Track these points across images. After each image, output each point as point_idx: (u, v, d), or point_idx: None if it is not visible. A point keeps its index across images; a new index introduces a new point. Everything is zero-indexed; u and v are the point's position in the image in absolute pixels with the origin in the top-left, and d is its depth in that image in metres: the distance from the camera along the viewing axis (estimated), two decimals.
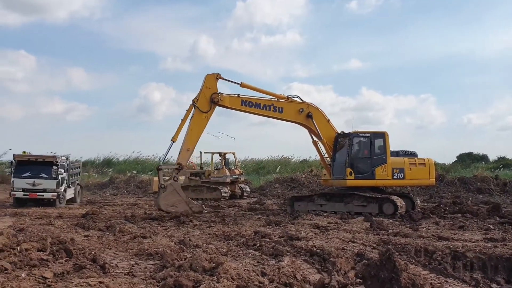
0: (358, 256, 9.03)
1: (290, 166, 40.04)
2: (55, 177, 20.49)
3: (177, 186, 16.01)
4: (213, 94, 16.75)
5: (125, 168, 40.81)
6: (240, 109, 17.45)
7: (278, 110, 17.50)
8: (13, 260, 8.27)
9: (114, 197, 28.67)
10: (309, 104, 17.82)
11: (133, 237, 11.63)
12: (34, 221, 15.40)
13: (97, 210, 18.12)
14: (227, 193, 24.96)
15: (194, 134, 16.64)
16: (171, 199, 15.67)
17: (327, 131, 17.92)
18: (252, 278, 7.18)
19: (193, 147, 17.01)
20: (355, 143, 17.49)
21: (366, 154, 17.40)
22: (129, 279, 7.39)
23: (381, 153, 17.28)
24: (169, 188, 15.78)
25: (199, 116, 16.62)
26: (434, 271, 8.52)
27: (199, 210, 15.76)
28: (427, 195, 25.00)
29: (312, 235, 11.98)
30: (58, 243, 10.04)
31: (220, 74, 17.03)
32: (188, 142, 16.53)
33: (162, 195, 15.83)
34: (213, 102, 16.73)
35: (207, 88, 16.82)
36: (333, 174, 17.84)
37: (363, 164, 17.28)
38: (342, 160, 17.35)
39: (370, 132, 17.62)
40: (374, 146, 17.33)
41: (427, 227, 13.97)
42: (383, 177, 17.15)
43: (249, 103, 17.32)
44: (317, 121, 17.66)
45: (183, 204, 15.73)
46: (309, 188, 28.54)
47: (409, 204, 17.45)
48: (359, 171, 17.15)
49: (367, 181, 17.20)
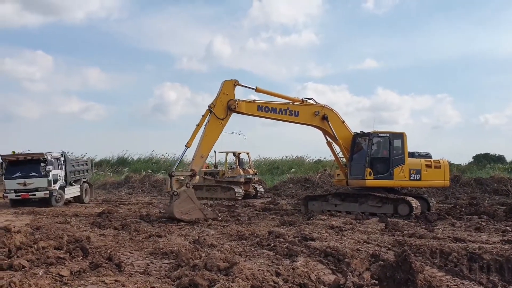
0: (373, 257, 8.97)
1: (304, 166, 39.93)
2: (45, 175, 19.90)
3: (191, 193, 15.61)
4: (230, 100, 16.48)
5: (140, 167, 41.04)
6: (257, 114, 17.30)
7: (293, 113, 17.45)
8: (31, 258, 8.39)
9: (129, 196, 28.90)
10: (324, 106, 17.75)
11: (148, 236, 11.73)
12: (51, 219, 15.61)
13: (113, 209, 18.31)
14: (241, 192, 24.99)
15: (208, 140, 16.35)
16: (185, 207, 15.17)
17: (342, 132, 17.83)
18: (267, 278, 7.19)
19: (207, 154, 16.80)
20: (374, 143, 17.40)
21: (385, 155, 17.30)
22: (144, 278, 7.45)
23: (399, 153, 17.16)
24: (182, 195, 15.34)
25: (215, 122, 16.35)
26: (450, 273, 8.43)
27: (213, 217, 15.46)
28: (443, 196, 24.76)
29: (326, 236, 11.95)
30: (75, 242, 10.17)
31: (238, 80, 16.79)
32: (203, 148, 16.22)
33: (175, 202, 15.21)
34: (230, 108, 16.46)
35: (224, 94, 16.53)
36: (351, 174, 17.74)
37: (382, 164, 17.18)
38: (361, 160, 17.27)
39: (389, 133, 17.52)
40: (392, 146, 17.23)
41: (443, 228, 13.84)
42: (400, 178, 17.04)
43: (265, 108, 17.25)
44: (332, 122, 17.57)
45: (197, 212, 15.31)
46: (323, 188, 28.45)
47: (424, 205, 17.29)
48: (377, 172, 17.07)
49: (385, 181, 17.10)
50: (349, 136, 17.88)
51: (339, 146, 17.83)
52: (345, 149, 17.83)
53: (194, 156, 16.30)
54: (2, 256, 8.98)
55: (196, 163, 16.18)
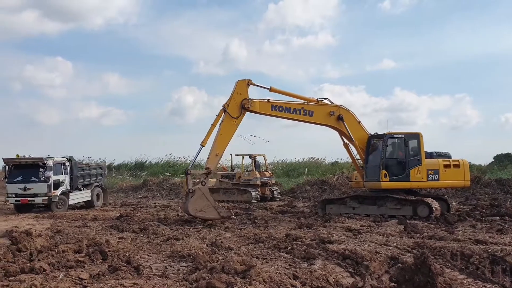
0: (392, 260, 8.88)
1: (321, 168, 39.75)
2: (44, 180, 19.36)
3: (205, 190, 15.87)
4: (243, 100, 16.60)
5: (157, 171, 41.34)
6: (271, 114, 17.35)
7: (308, 113, 17.38)
8: (51, 261, 8.51)
9: (147, 199, 29.11)
10: (339, 106, 17.64)
11: (166, 239, 11.79)
12: (70, 223, 15.80)
13: (131, 212, 18.46)
14: (257, 195, 24.96)
15: (223, 139, 16.52)
16: (200, 204, 15.47)
17: (358, 133, 17.69)
18: (284, 281, 7.17)
19: (222, 152, 16.89)
20: (389, 144, 17.24)
21: (400, 156, 17.12)
22: (163, 281, 7.48)
23: (415, 154, 16.97)
24: (197, 192, 15.61)
25: (229, 121, 16.50)
26: (471, 275, 8.28)
27: (227, 215, 15.66)
28: (463, 197, 24.39)
29: (344, 238, 11.87)
30: (94, 245, 10.27)
31: (251, 80, 16.87)
32: (217, 147, 16.37)
33: (191, 200, 15.57)
34: (244, 108, 16.58)
35: (238, 94, 16.67)
36: (366, 177, 17.57)
37: (398, 166, 17.01)
38: (376, 162, 17.10)
39: (404, 133, 17.33)
40: (408, 147, 17.03)
41: (463, 230, 13.64)
42: (417, 179, 16.83)
43: (279, 107, 17.25)
44: (348, 123, 17.45)
45: (211, 209, 15.53)
46: (340, 190, 28.26)
47: (444, 207, 17.05)
48: (393, 173, 16.89)
49: (401, 183, 16.90)
50: (365, 137, 17.72)
51: (355, 147, 17.69)
52: (362, 150, 17.68)
53: (209, 155, 16.47)
54: (24, 259, 9.12)
55: (211, 161, 16.36)
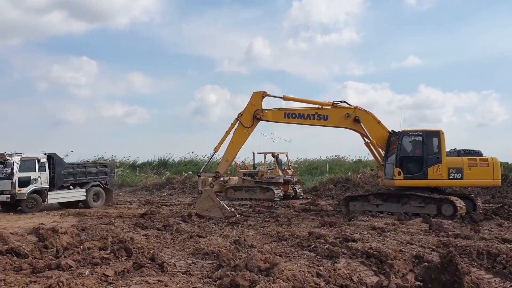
0: (417, 259, 8.77)
1: (345, 166, 39.48)
2: (8, 177, 18.70)
3: (211, 192, 17.09)
4: (256, 110, 17.48)
5: (181, 169, 41.67)
6: (284, 121, 18.00)
7: (322, 118, 17.66)
8: (77, 258, 8.65)
9: (170, 197, 29.37)
10: (356, 107, 17.61)
11: (190, 237, 11.87)
12: (96, 220, 16.04)
13: (155, 210, 18.64)
14: (280, 193, 24.94)
15: (234, 146, 17.59)
16: (206, 204, 16.83)
17: (377, 132, 17.58)
18: (308, 279, 7.14)
19: (232, 158, 18.24)
20: (404, 142, 17.05)
21: (417, 154, 16.86)
22: (186, 278, 7.54)
23: (435, 152, 16.66)
24: (204, 194, 17.05)
25: (241, 130, 17.50)
26: (498, 275, 8.12)
27: (231, 215, 16.41)
28: (489, 196, 23.94)
29: (368, 237, 11.78)
30: (119, 242, 10.40)
31: (266, 92, 17.71)
32: (229, 153, 17.55)
33: (198, 200, 17.45)
34: (256, 118, 17.50)
35: (252, 105, 17.61)
36: (385, 174, 17.56)
37: (414, 163, 16.74)
38: (392, 160, 16.99)
39: (422, 131, 17.04)
40: (427, 145, 16.75)
41: (490, 228, 13.40)
42: (437, 177, 16.51)
43: (292, 114, 17.82)
44: (366, 123, 17.40)
45: (216, 210, 16.69)
46: (364, 188, 28.02)
47: (470, 205, 16.73)
48: (409, 171, 16.69)
49: (418, 181, 16.65)
50: (385, 137, 17.56)
51: (373, 146, 17.62)
52: (382, 149, 17.60)
53: (221, 161, 17.91)
54: (50, 256, 9.30)
55: (221, 166, 17.89)
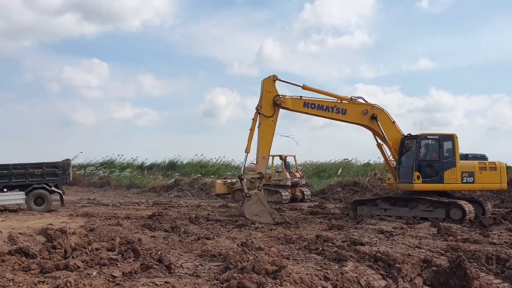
0: (425, 263, 8.70)
1: (353, 170, 39.37)
2: None
3: (261, 196, 16.28)
4: (275, 97, 16.66)
5: (189, 171, 41.79)
6: (303, 111, 17.28)
7: (341, 111, 17.18)
8: (85, 259, 8.67)
9: (178, 199, 29.45)
10: (373, 105, 17.39)
11: (197, 238, 11.87)
12: (104, 221, 16.08)
13: (163, 212, 18.67)
14: (287, 196, 24.90)
15: (265, 141, 16.61)
16: (256, 209, 15.87)
17: (392, 133, 17.42)
18: (315, 283, 7.12)
19: (268, 154, 17.02)
20: (422, 145, 16.94)
21: (434, 157, 16.78)
22: (194, 280, 7.53)
23: (449, 156, 16.60)
24: (254, 197, 16.02)
25: (265, 121, 16.56)
26: (507, 280, 8.04)
27: (282, 221, 15.72)
28: (499, 200, 23.75)
29: (376, 240, 11.72)
30: (126, 243, 10.43)
31: (276, 75, 16.84)
32: (262, 150, 16.54)
33: (247, 204, 16.03)
34: (276, 104, 16.63)
35: (267, 92, 16.70)
36: (399, 178, 17.31)
37: (431, 167, 16.67)
38: (409, 164, 16.81)
39: (438, 135, 17.00)
40: (442, 149, 16.69)
41: (499, 233, 13.28)
42: (452, 181, 16.48)
43: (312, 104, 17.12)
44: (382, 123, 17.20)
45: (266, 215, 15.82)
46: (372, 192, 27.92)
47: (479, 210, 16.63)
48: (427, 175, 16.57)
49: (435, 185, 16.57)
50: (399, 138, 17.42)
51: (388, 147, 17.41)
52: (396, 151, 17.40)
53: (257, 160, 16.73)
54: (59, 256, 9.34)
55: (260, 165, 16.66)
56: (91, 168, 46.45)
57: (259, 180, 16.53)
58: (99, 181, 41.49)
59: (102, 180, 41.60)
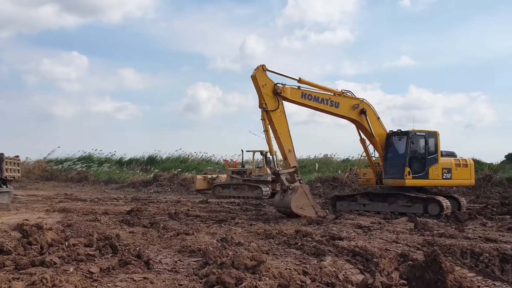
0: (402, 257, 8.83)
1: (332, 165, 39.67)
2: None
3: (306, 189, 16.19)
4: (274, 86, 16.10)
5: (169, 166, 41.56)
6: (300, 101, 16.89)
7: (334, 104, 17.19)
8: (62, 255, 8.55)
9: (158, 194, 29.28)
10: (362, 100, 17.58)
11: (177, 234, 11.82)
12: (81, 217, 15.88)
13: (142, 207, 18.53)
14: (268, 191, 25.01)
15: (284, 135, 16.21)
16: (301, 201, 15.69)
17: (377, 128, 17.64)
18: (294, 277, 7.16)
19: (292, 146, 16.44)
20: (414, 142, 17.23)
21: (421, 154, 17.18)
22: (173, 275, 7.51)
23: (433, 152, 17.05)
24: (299, 190, 15.76)
25: (275, 115, 16.03)
26: (481, 273, 8.23)
27: (323, 215, 15.76)
28: (474, 196, 24.24)
29: (354, 235, 11.83)
30: (104, 239, 10.31)
31: (265, 65, 16.13)
32: (286, 144, 16.15)
33: (293, 197, 15.56)
34: (277, 93, 16.06)
35: (263, 86, 16.00)
36: (386, 174, 17.52)
37: (419, 163, 17.05)
38: (398, 159, 17.12)
39: (425, 131, 17.41)
40: (428, 145, 17.07)
41: (474, 228, 13.54)
42: (435, 177, 16.93)
43: (309, 96, 16.88)
44: (369, 118, 17.42)
45: (309, 208, 15.79)
46: (351, 187, 28.21)
47: (455, 205, 17.02)
48: (415, 171, 16.95)
49: (422, 181, 17.02)
50: (383, 134, 17.66)
51: (374, 143, 17.57)
52: (381, 147, 17.62)
53: (284, 156, 16.39)
54: (35, 252, 9.19)
55: (291, 159, 16.26)
56: (68, 163, 45.78)
57: (296, 174, 16.25)
58: (77, 176, 40.93)
59: (80, 175, 41.03)
